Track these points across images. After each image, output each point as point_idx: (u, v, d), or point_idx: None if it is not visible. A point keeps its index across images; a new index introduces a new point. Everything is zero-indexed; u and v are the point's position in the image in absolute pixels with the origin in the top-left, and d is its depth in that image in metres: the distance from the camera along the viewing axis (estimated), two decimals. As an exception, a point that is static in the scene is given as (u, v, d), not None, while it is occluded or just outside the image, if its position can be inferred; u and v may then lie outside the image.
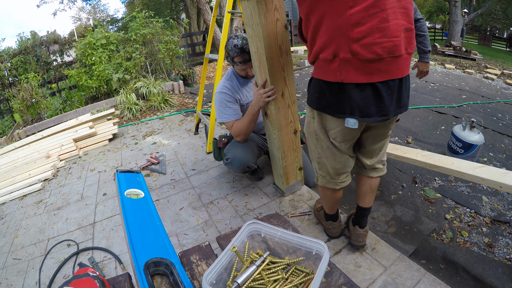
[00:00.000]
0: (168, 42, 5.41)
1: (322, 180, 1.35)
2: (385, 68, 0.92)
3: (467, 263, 1.46)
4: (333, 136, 1.15)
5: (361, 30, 0.87)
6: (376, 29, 0.86)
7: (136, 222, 0.83)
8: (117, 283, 0.75)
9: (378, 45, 0.87)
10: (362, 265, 1.41)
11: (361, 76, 0.93)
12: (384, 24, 0.86)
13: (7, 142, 3.83)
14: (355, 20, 0.86)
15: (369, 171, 1.35)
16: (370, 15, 0.85)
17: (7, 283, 1.59)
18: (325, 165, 1.29)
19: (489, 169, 1.42)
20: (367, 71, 0.92)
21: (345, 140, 1.15)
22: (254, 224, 0.84)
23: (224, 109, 1.77)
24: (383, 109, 0.98)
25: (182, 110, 4.31)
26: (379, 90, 0.94)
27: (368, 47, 0.88)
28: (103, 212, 2.09)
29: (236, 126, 1.76)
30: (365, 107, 0.97)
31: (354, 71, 0.93)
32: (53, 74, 5.34)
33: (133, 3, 15.44)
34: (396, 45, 0.89)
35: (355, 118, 1.00)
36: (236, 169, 1.86)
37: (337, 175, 1.29)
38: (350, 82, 0.95)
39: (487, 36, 18.67)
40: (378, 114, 0.98)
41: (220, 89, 1.79)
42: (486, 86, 5.54)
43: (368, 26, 0.86)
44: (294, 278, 0.72)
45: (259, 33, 1.39)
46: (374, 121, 0.99)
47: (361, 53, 0.89)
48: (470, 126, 2.37)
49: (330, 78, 0.99)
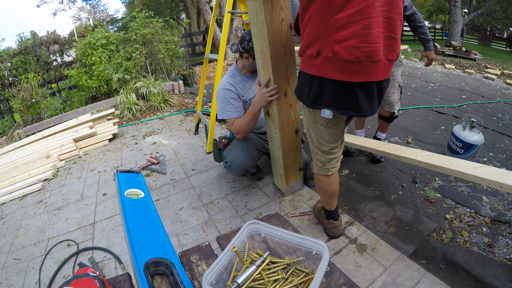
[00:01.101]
0: (168, 42, 5.41)
1: (316, 168, 1.45)
2: (363, 70, 1.00)
3: (467, 263, 1.46)
4: (324, 124, 1.26)
5: (343, 33, 0.96)
6: (357, 35, 0.95)
7: (136, 222, 0.83)
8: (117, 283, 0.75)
9: (357, 48, 0.96)
10: (362, 265, 1.41)
11: (340, 75, 1.02)
12: (365, 31, 0.94)
13: (7, 142, 3.83)
14: (340, 24, 0.95)
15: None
16: (353, 21, 0.94)
17: (7, 283, 1.59)
18: (316, 154, 1.39)
19: (489, 169, 1.41)
20: (346, 71, 1.01)
21: (336, 124, 1.26)
22: (254, 224, 0.84)
23: (227, 106, 1.76)
24: (358, 106, 1.08)
25: (182, 110, 4.31)
26: (355, 89, 1.05)
27: (348, 50, 0.96)
28: (103, 212, 2.09)
29: (237, 123, 1.75)
30: (340, 101, 1.09)
31: (334, 69, 1.02)
32: (53, 74, 5.34)
33: (133, 3, 15.44)
34: (375, 51, 0.97)
35: (330, 109, 1.12)
36: (235, 173, 1.85)
37: (328, 162, 1.38)
38: (330, 78, 1.05)
39: (487, 36, 18.68)
40: (352, 109, 1.09)
41: (223, 85, 1.78)
42: (486, 86, 5.54)
43: (350, 31, 0.95)
44: (294, 278, 0.72)
45: (264, 32, 1.39)
46: (349, 114, 1.11)
47: (342, 54, 0.97)
48: (470, 126, 2.37)
49: (313, 72, 1.10)
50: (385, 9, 0.96)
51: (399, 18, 1.01)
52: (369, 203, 1.91)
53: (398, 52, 1.05)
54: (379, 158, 2.42)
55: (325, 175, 1.42)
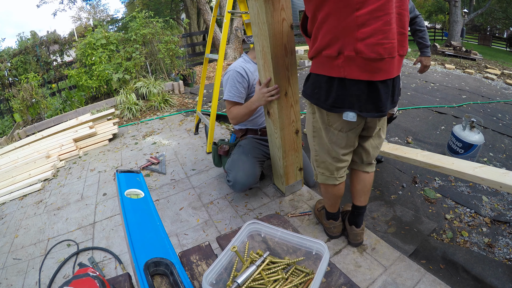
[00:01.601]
0: (168, 42, 5.41)
1: (322, 177, 1.39)
2: (384, 68, 0.98)
3: (467, 263, 1.46)
4: (338, 128, 1.19)
5: (366, 31, 0.93)
6: (379, 31, 0.93)
7: (136, 222, 0.83)
8: (117, 283, 0.75)
9: (380, 45, 0.94)
10: (362, 265, 1.41)
11: (364, 74, 0.99)
12: (387, 27, 0.93)
13: (7, 142, 3.83)
14: (361, 21, 0.92)
15: (366, 166, 1.39)
16: (375, 17, 0.92)
17: (7, 283, 1.59)
18: (322, 162, 1.33)
19: (489, 169, 1.41)
20: (369, 69, 0.98)
21: (352, 129, 1.20)
22: (254, 224, 0.84)
23: (231, 87, 1.75)
24: (380, 105, 1.05)
25: (182, 110, 4.31)
26: (378, 88, 1.01)
27: (371, 47, 0.94)
28: (103, 212, 2.09)
29: (234, 110, 1.75)
30: (364, 102, 1.04)
31: (357, 68, 0.99)
32: (53, 74, 5.34)
33: (133, 3, 15.44)
34: (394, 47, 0.97)
35: (354, 112, 1.06)
36: (238, 191, 1.91)
37: (337, 170, 1.33)
38: (353, 78, 1.01)
39: (487, 36, 18.67)
40: (375, 110, 1.06)
41: (236, 68, 1.75)
42: (486, 86, 5.54)
43: (372, 27, 0.92)
44: (294, 278, 0.72)
45: (265, 31, 1.39)
46: (372, 116, 1.07)
47: (365, 52, 0.94)
48: (470, 126, 2.37)
49: (333, 73, 1.05)
50: (397, 5, 0.96)
51: (407, 14, 1.01)
52: (369, 203, 1.91)
53: (407, 48, 1.06)
54: (379, 158, 2.42)
55: (332, 185, 1.38)
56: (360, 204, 1.44)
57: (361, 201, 1.44)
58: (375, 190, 2.07)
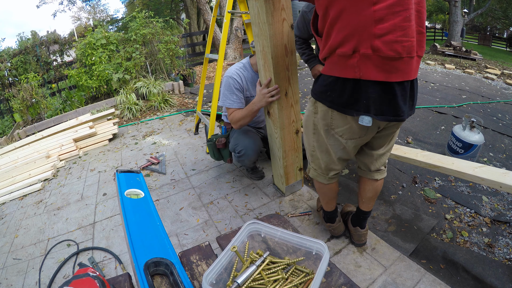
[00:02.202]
0: (168, 42, 5.41)
1: (314, 173, 1.37)
2: (402, 68, 0.92)
3: (467, 263, 1.46)
4: (340, 133, 1.13)
5: (384, 26, 0.87)
6: (398, 27, 0.86)
7: (136, 222, 0.83)
8: (117, 283, 0.75)
9: (399, 43, 0.88)
10: (362, 265, 1.41)
11: (380, 74, 0.92)
12: (406, 23, 0.87)
13: (7, 142, 3.83)
14: (379, 16, 0.86)
15: (374, 174, 1.34)
16: (394, 12, 0.86)
17: (7, 283, 1.59)
18: (317, 159, 1.30)
19: (489, 169, 1.41)
20: (386, 69, 0.91)
21: (353, 138, 1.13)
22: (254, 224, 0.84)
23: (230, 95, 1.78)
24: (397, 109, 0.97)
25: (182, 110, 4.31)
26: (395, 90, 0.95)
27: (390, 44, 0.88)
28: (103, 212, 2.09)
29: (236, 114, 1.77)
30: (380, 105, 0.97)
31: (373, 67, 0.92)
32: (53, 74, 5.34)
33: (133, 3, 15.44)
34: (413, 46, 0.90)
35: (369, 115, 0.99)
36: (251, 158, 1.86)
37: (328, 170, 1.31)
38: (368, 79, 0.94)
39: (487, 36, 18.67)
40: (392, 114, 0.98)
41: (231, 74, 1.78)
42: (486, 86, 5.54)
43: (391, 23, 0.86)
44: (294, 278, 0.72)
45: (265, 31, 1.39)
46: (387, 120, 0.99)
47: (382, 50, 0.88)
48: (470, 126, 2.37)
49: (347, 74, 0.98)
50: (416, 1, 0.90)
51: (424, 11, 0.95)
52: (369, 203, 1.91)
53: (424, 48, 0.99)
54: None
55: (322, 183, 1.37)
56: (366, 209, 1.44)
57: (368, 207, 1.43)
58: (375, 190, 2.07)
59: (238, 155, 1.87)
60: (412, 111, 1.05)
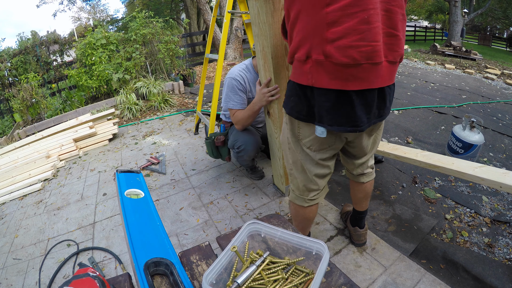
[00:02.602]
0: (168, 42, 5.41)
1: (292, 195, 1.24)
2: (362, 76, 0.82)
3: (467, 263, 1.46)
4: (307, 145, 1.04)
5: (337, 30, 0.78)
6: (353, 31, 0.77)
7: (136, 222, 0.82)
8: (117, 283, 0.75)
9: (354, 48, 0.78)
10: (362, 265, 1.41)
11: (334, 81, 0.84)
12: (364, 26, 0.77)
13: (7, 142, 3.83)
14: (332, 19, 0.78)
15: (360, 177, 1.30)
16: (348, 14, 0.77)
17: (7, 283, 1.59)
18: (295, 178, 1.17)
19: (489, 169, 1.41)
20: (341, 77, 0.83)
21: (321, 149, 1.04)
22: (254, 224, 0.84)
23: (234, 96, 1.79)
24: (355, 119, 0.88)
25: (182, 110, 4.31)
26: (352, 99, 0.85)
27: (343, 50, 0.79)
28: (103, 212, 2.09)
29: (238, 115, 1.79)
30: (335, 115, 0.89)
31: (326, 75, 0.84)
32: (53, 74, 5.34)
33: (133, 3, 15.44)
34: (375, 51, 0.80)
35: (323, 126, 0.92)
36: (250, 154, 1.87)
37: (307, 191, 1.17)
38: (321, 87, 0.86)
39: (487, 36, 18.68)
40: (349, 124, 0.89)
41: (234, 75, 1.79)
42: (486, 86, 5.54)
43: (345, 26, 0.77)
44: (294, 278, 0.72)
45: (265, 31, 1.39)
46: (344, 130, 0.90)
47: (335, 56, 0.80)
48: (470, 126, 2.37)
49: (303, 80, 0.91)
50: (384, 0, 0.80)
51: (401, 12, 0.84)
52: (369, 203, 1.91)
53: (401, 53, 0.87)
54: (380, 158, 2.42)
55: (301, 206, 1.20)
56: (361, 209, 1.43)
57: (362, 207, 1.43)
58: (375, 190, 2.07)
59: (237, 150, 1.88)
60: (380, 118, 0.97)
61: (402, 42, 0.86)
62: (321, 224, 1.69)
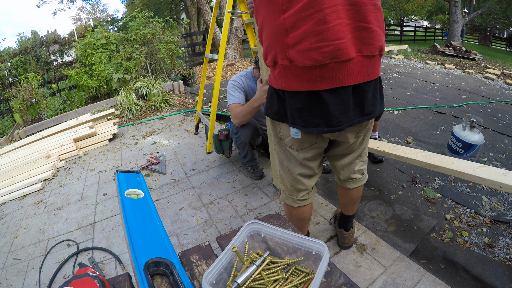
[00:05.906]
0: (168, 42, 5.41)
1: (282, 195, 1.23)
2: (329, 75, 0.81)
3: (467, 263, 1.46)
4: (289, 144, 1.04)
5: (295, 35, 0.79)
6: (311, 33, 0.77)
7: (136, 222, 0.82)
8: (117, 283, 0.75)
9: (315, 50, 0.78)
10: (362, 265, 1.41)
11: (303, 84, 0.84)
12: (321, 27, 0.76)
13: (7, 142, 3.83)
14: (289, 24, 0.79)
15: (346, 183, 1.25)
16: (304, 17, 0.77)
17: (7, 283, 1.59)
18: (283, 179, 1.18)
19: (489, 169, 1.41)
20: (309, 79, 0.83)
21: (303, 148, 1.03)
22: (254, 224, 0.84)
23: (234, 93, 1.95)
24: (331, 119, 0.87)
25: (182, 110, 4.31)
26: (324, 99, 0.84)
27: (304, 53, 0.79)
28: (103, 212, 2.09)
29: (236, 109, 1.89)
30: (308, 116, 0.88)
31: (294, 78, 0.85)
32: (53, 74, 5.34)
33: (133, 3, 15.44)
34: (340, 49, 0.78)
35: (296, 128, 0.92)
36: (247, 133, 1.99)
37: (296, 191, 1.17)
38: (290, 90, 0.87)
39: (487, 36, 18.67)
40: (326, 124, 0.88)
41: (235, 80, 1.99)
42: (486, 86, 5.54)
43: (302, 30, 0.77)
44: (294, 278, 0.72)
45: None
46: (321, 131, 0.90)
47: (298, 60, 0.80)
48: (470, 126, 2.37)
49: (275, 84, 0.93)
50: None
51: (371, 2, 0.80)
52: (368, 203, 1.91)
53: (379, 45, 0.84)
54: (380, 158, 2.42)
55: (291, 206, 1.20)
56: (347, 213, 1.42)
57: (348, 211, 1.41)
58: (375, 190, 2.07)
59: (235, 136, 2.05)
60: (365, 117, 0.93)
61: (378, 33, 0.83)
62: (321, 224, 1.69)
